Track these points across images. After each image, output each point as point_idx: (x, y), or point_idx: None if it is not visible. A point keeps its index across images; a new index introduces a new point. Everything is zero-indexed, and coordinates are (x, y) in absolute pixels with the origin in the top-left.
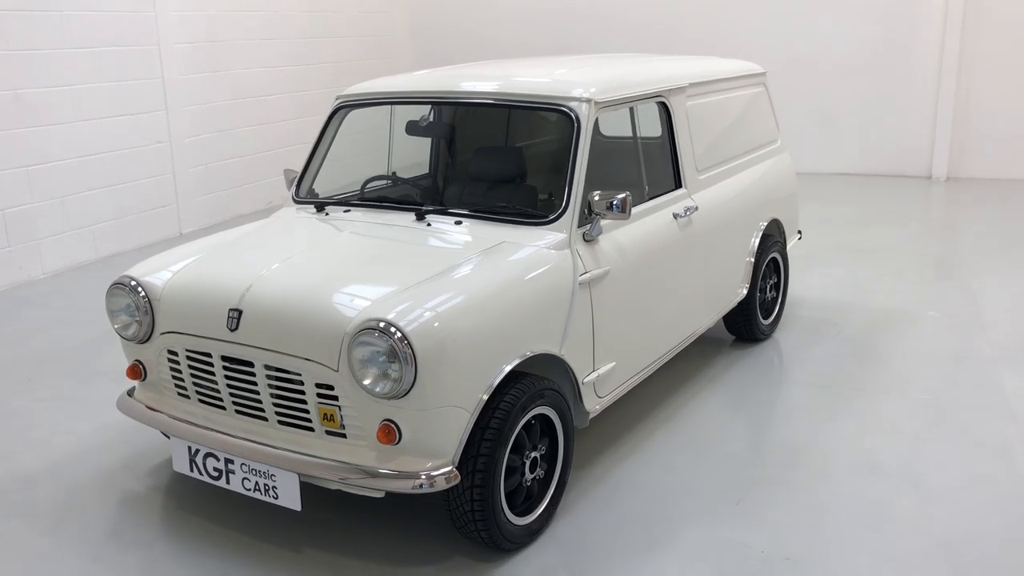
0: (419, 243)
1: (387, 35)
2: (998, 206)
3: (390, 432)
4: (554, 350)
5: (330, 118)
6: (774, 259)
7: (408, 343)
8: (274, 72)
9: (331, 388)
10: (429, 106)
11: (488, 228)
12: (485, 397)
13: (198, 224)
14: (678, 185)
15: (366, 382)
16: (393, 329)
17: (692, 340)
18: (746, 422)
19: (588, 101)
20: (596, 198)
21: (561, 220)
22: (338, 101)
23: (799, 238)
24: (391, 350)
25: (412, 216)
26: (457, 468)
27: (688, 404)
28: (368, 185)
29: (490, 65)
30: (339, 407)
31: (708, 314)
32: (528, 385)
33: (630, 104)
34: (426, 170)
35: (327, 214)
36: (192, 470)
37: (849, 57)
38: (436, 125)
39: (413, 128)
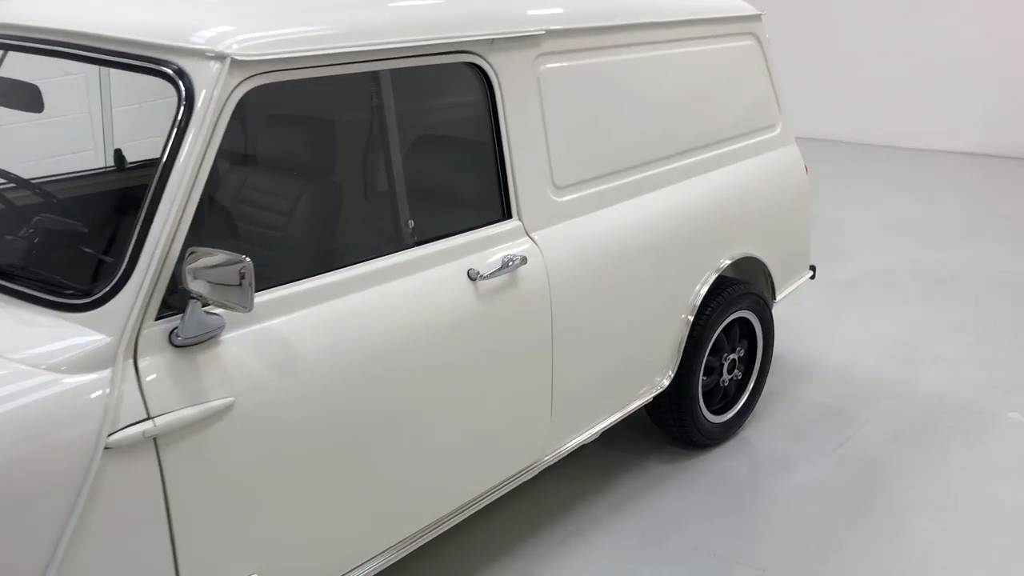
0: None
1: None
2: None
3: None
4: None
5: None
6: (744, 320)
7: None
8: None
9: None
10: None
11: None
12: None
13: None
14: (505, 214)
15: None
16: None
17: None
18: None
19: (221, 58)
20: (199, 264)
21: (109, 305)
22: None
23: (811, 276)
24: None
25: None
26: None
27: None
28: None
29: None
30: None
31: (561, 436)
32: None
33: (358, 68)
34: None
35: None
36: None
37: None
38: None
39: None
